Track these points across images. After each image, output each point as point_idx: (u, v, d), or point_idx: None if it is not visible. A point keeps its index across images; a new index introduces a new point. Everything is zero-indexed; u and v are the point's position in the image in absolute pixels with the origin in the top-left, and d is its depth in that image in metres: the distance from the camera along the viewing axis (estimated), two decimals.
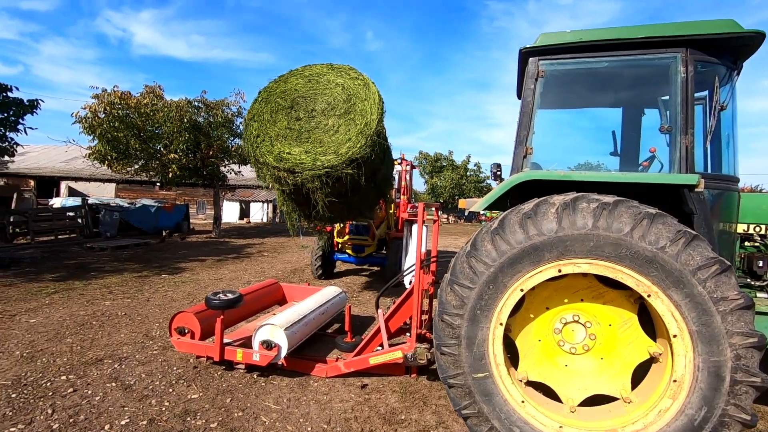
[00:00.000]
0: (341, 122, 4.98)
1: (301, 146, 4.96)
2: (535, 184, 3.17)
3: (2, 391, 3.68)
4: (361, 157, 4.78)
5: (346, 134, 4.89)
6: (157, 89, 16.48)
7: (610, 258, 2.60)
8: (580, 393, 3.00)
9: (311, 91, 5.27)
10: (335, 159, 4.76)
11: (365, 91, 5.12)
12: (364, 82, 5.21)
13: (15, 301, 6.62)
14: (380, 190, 6.34)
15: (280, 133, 5.08)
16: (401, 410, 3.71)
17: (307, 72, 5.46)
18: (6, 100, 10.37)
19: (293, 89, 5.33)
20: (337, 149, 4.82)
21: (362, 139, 4.81)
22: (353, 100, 5.08)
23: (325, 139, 4.93)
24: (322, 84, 5.28)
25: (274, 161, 4.89)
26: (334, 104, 5.12)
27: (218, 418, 3.41)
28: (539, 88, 3.44)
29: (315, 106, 5.14)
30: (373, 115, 4.97)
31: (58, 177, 27.47)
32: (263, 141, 5.07)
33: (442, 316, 2.93)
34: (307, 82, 5.34)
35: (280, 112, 5.23)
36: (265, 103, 5.38)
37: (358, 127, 4.88)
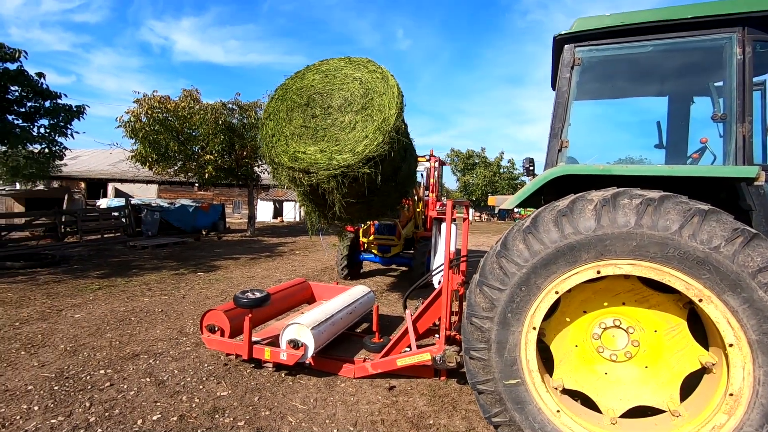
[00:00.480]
0: (358, 118, 4.79)
1: (317, 145, 4.82)
2: (571, 180, 2.98)
3: (46, 383, 3.85)
4: (379, 155, 4.58)
5: (363, 131, 4.70)
6: (194, 93, 17.07)
7: (656, 259, 2.38)
8: (621, 403, 2.78)
9: (328, 86, 5.10)
10: (351, 158, 4.58)
11: (383, 84, 4.90)
12: (383, 75, 4.99)
13: (62, 296, 6.98)
14: (403, 189, 6.11)
15: (295, 131, 4.96)
16: (429, 414, 3.59)
17: (324, 67, 5.28)
18: (56, 106, 10.98)
19: (309, 85, 5.18)
20: (353, 147, 4.65)
21: (380, 135, 4.61)
22: (371, 94, 4.87)
23: (341, 137, 4.77)
24: (339, 79, 5.10)
25: (289, 161, 4.78)
26: (351, 100, 4.93)
27: (246, 417, 3.42)
28: (575, 77, 3.23)
29: (332, 102, 4.98)
30: (391, 110, 4.73)
31: (105, 179, 29.05)
32: (278, 140, 4.98)
33: (470, 318, 2.79)
34: (323, 78, 5.17)
35: (296, 110, 5.10)
36: (281, 101, 5.27)
37: (376, 123, 4.67)
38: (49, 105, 10.96)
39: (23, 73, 10.25)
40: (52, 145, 11.22)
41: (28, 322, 5.59)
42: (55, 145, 11.26)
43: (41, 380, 3.90)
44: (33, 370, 4.12)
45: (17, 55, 10.06)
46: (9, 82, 10.07)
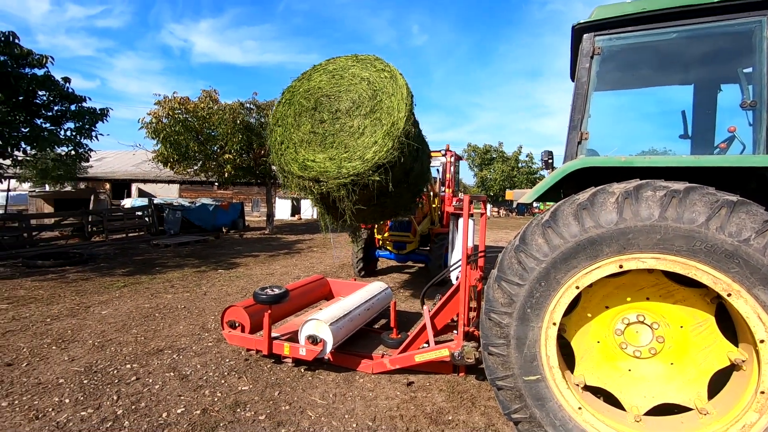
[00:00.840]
0: (367, 123, 4.66)
1: (326, 152, 4.71)
2: (592, 173, 2.91)
3: (76, 377, 3.99)
4: (389, 162, 4.47)
5: (372, 136, 4.56)
6: (212, 93, 17.35)
7: (681, 252, 2.31)
8: (646, 401, 2.72)
9: (335, 88, 4.97)
10: (361, 165, 4.47)
11: (392, 84, 4.74)
12: (391, 74, 4.83)
13: (90, 293, 7.22)
14: (415, 188, 5.97)
15: (304, 138, 4.86)
16: (448, 410, 3.58)
17: (330, 66, 5.13)
18: (81, 109, 11.32)
19: (317, 87, 5.06)
20: (362, 154, 4.53)
21: (389, 141, 4.47)
22: (379, 96, 4.72)
23: (350, 143, 4.64)
24: (347, 79, 4.95)
25: (298, 170, 4.71)
26: (360, 102, 4.78)
27: (266, 411, 3.48)
28: (595, 67, 3.15)
29: (339, 105, 4.85)
30: (400, 112, 4.57)
31: (129, 179, 29.85)
32: (287, 148, 4.90)
33: (489, 314, 2.77)
34: (330, 78, 5.04)
35: (304, 114, 4.99)
36: (288, 105, 5.15)
37: (385, 127, 4.54)
38: (75, 108, 11.30)
39: (50, 78, 10.58)
40: (78, 147, 11.57)
41: (58, 318, 5.80)
42: (80, 147, 11.61)
43: (71, 374, 4.04)
44: (64, 364, 4.28)
45: (44, 60, 10.40)
46: (37, 87, 10.42)
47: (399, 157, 4.53)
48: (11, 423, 3.19)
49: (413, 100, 4.76)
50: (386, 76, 4.79)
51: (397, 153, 4.48)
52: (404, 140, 4.51)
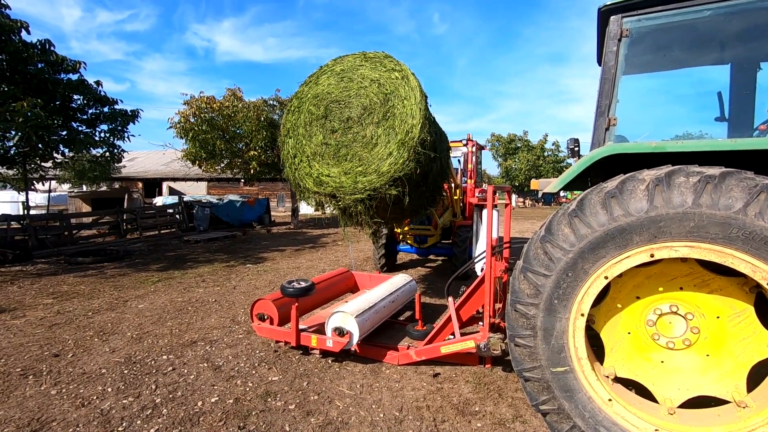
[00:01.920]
0: (380, 131, 4.48)
1: (340, 166, 4.57)
2: (621, 160, 2.82)
3: (117, 367, 4.20)
4: (405, 174, 4.33)
5: (386, 147, 4.40)
6: (237, 92, 17.68)
7: (717, 240, 2.22)
8: (680, 393, 2.64)
9: (345, 92, 4.75)
10: (377, 180, 4.35)
11: (404, 87, 4.50)
12: (403, 75, 4.57)
13: (127, 288, 7.55)
14: (435, 188, 5.75)
15: (316, 150, 4.73)
16: (475, 401, 3.59)
17: (338, 67, 4.91)
18: (113, 112, 11.77)
19: (325, 92, 4.87)
20: (378, 167, 4.38)
21: (404, 152, 4.30)
22: (392, 100, 4.51)
23: (364, 155, 4.49)
24: (356, 82, 4.73)
25: (314, 186, 4.63)
26: (371, 108, 4.57)
27: (296, 401, 3.57)
28: (623, 50, 3.04)
29: (350, 112, 4.66)
30: (414, 119, 4.35)
31: (160, 178, 30.85)
32: (301, 162, 4.80)
33: (515, 305, 2.74)
34: (339, 81, 4.82)
35: (314, 123, 4.83)
36: (297, 113, 4.99)
37: (399, 136, 4.36)
38: (108, 111, 11.76)
39: (84, 83, 11.05)
40: (112, 148, 12.05)
41: (99, 311, 6.10)
42: (114, 148, 12.09)
43: (113, 364, 4.26)
44: (105, 355, 4.51)
45: (78, 66, 10.85)
46: (72, 92, 10.89)
47: (415, 168, 4.39)
48: (60, 410, 3.40)
49: (427, 101, 4.55)
50: (397, 76, 4.59)
51: (413, 164, 4.33)
52: (420, 150, 4.35)
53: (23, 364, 4.26)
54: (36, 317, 5.81)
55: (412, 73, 4.58)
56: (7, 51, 9.19)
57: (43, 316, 5.85)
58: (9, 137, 10.52)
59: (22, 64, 9.46)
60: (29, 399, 3.57)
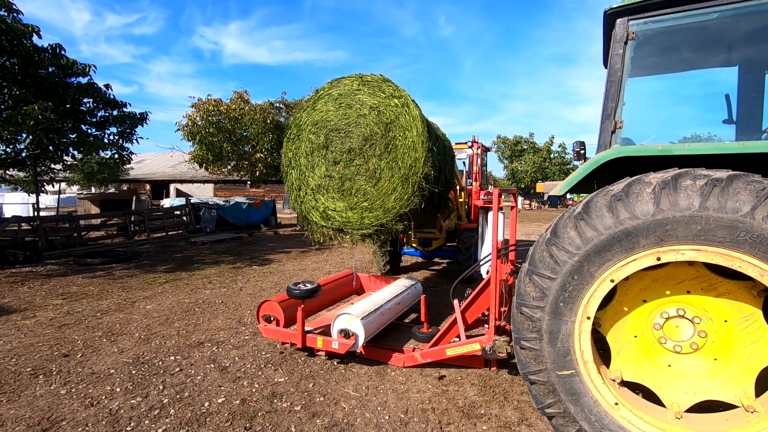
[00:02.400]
0: (383, 165, 4.44)
1: (345, 200, 4.59)
2: (628, 163, 2.82)
3: (126, 367, 4.25)
4: (410, 210, 4.33)
5: (390, 182, 4.38)
6: (243, 95, 17.84)
7: (724, 243, 2.21)
8: (687, 398, 2.63)
9: (344, 120, 4.67)
10: (383, 216, 4.38)
11: (405, 116, 4.39)
12: (403, 103, 4.45)
13: (135, 289, 7.62)
14: (441, 202, 5.72)
15: (321, 183, 4.75)
16: (480, 404, 3.58)
17: (335, 91, 4.80)
18: (122, 114, 11.91)
19: (324, 119, 4.80)
20: (383, 203, 4.40)
21: (408, 187, 4.28)
22: (393, 131, 4.43)
23: (368, 190, 4.49)
24: (355, 109, 4.63)
25: (320, 220, 4.67)
26: (372, 139, 4.50)
27: (302, 402, 3.59)
28: (629, 52, 3.04)
29: (351, 143, 4.60)
30: (417, 152, 4.28)
31: (167, 180, 31.12)
32: (306, 194, 4.82)
33: (520, 308, 2.74)
34: (338, 108, 4.73)
35: (316, 153, 4.81)
36: (297, 142, 4.97)
37: (402, 171, 4.33)
38: (117, 114, 11.90)
39: (93, 86, 11.19)
40: (121, 150, 12.19)
41: (107, 312, 6.17)
42: (123, 150, 12.23)
43: (121, 365, 4.31)
44: (114, 355, 4.56)
45: (87, 69, 11.00)
46: (82, 95, 11.04)
47: (420, 202, 4.40)
48: (70, 409, 3.44)
49: (429, 130, 4.46)
50: (397, 104, 4.48)
51: (417, 199, 4.33)
52: (425, 186, 4.33)
53: (34, 364, 4.32)
54: (46, 317, 5.89)
55: (413, 101, 4.48)
56: (19, 55, 9.34)
57: (53, 317, 5.93)
58: (20, 140, 10.68)
59: (34, 68, 9.61)
60: (39, 398, 3.62)
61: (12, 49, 9.25)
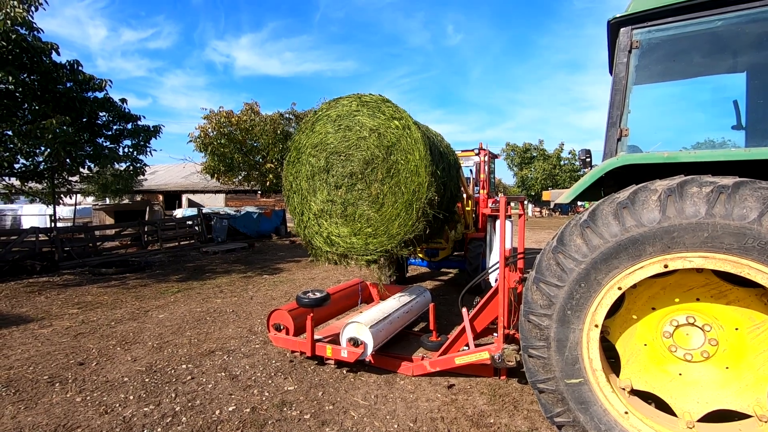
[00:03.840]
0: (385, 190, 4.37)
1: (348, 225, 4.55)
2: (634, 171, 2.83)
3: (139, 375, 4.32)
4: (415, 235, 4.31)
5: (394, 207, 4.32)
6: (254, 106, 18.14)
7: (732, 250, 2.20)
8: (699, 407, 2.59)
9: (344, 143, 4.59)
10: (388, 242, 4.36)
11: (407, 139, 4.29)
12: (404, 125, 4.33)
13: (148, 299, 7.74)
14: (447, 217, 5.60)
15: (323, 208, 4.71)
16: (490, 413, 3.57)
17: (333, 112, 4.71)
18: (137, 127, 12.19)
19: (324, 142, 4.72)
20: (387, 228, 4.36)
21: (413, 213, 4.22)
22: (394, 154, 4.33)
23: (371, 215, 4.43)
24: (354, 131, 4.54)
25: (324, 245, 4.66)
26: (374, 163, 4.41)
27: (311, 410, 3.61)
28: (634, 61, 3.06)
29: (352, 166, 4.53)
30: (420, 177, 4.18)
31: (179, 191, 31.60)
32: (309, 219, 4.80)
33: (528, 316, 2.75)
34: (337, 130, 4.65)
35: (317, 177, 4.76)
36: (298, 165, 4.92)
37: (406, 196, 4.26)
38: (131, 127, 12.18)
39: (109, 100, 11.49)
40: (135, 162, 12.45)
41: (121, 321, 6.28)
42: (137, 162, 12.48)
43: (134, 373, 4.38)
44: (127, 364, 4.64)
45: (104, 84, 11.31)
46: (98, 109, 11.33)
47: (425, 228, 4.38)
48: (84, 417, 3.51)
49: (432, 150, 4.36)
50: (398, 125, 4.37)
51: (422, 225, 4.30)
52: (428, 211, 4.28)
53: (50, 372, 4.41)
54: (62, 326, 6.01)
55: (414, 123, 4.37)
56: (38, 72, 9.66)
57: (69, 326, 6.05)
58: (39, 153, 10.99)
59: (53, 83, 9.92)
60: (56, 406, 3.70)
61: (32, 66, 9.57)
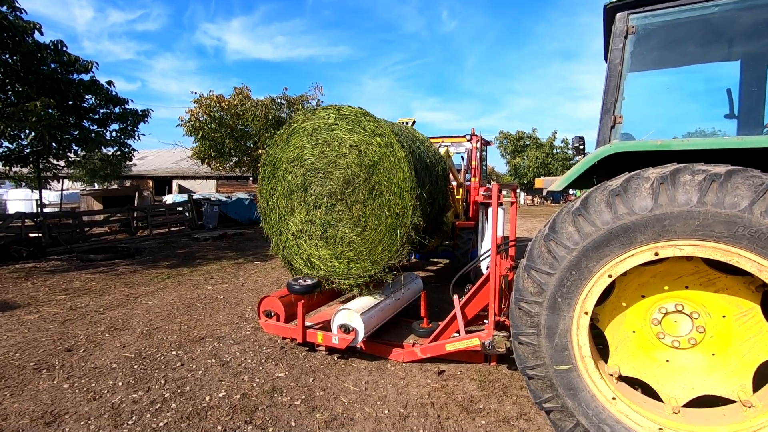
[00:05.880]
0: (368, 212, 4.15)
1: (329, 248, 4.37)
2: (628, 159, 2.81)
3: (128, 362, 4.29)
4: (400, 261, 4.17)
5: (377, 231, 4.13)
6: (245, 90, 17.83)
7: (722, 239, 2.21)
8: (685, 392, 2.63)
9: (322, 159, 4.34)
10: (371, 267, 4.19)
11: (390, 158, 4.03)
12: (387, 142, 4.05)
13: (138, 285, 7.67)
14: (436, 226, 5.53)
15: (302, 228, 4.50)
16: (479, 399, 3.60)
17: (309, 125, 4.42)
18: (124, 111, 11.93)
19: (300, 157, 4.46)
20: (370, 254, 4.18)
21: (397, 239, 4.03)
22: (377, 174, 4.10)
23: (353, 239, 4.25)
24: (333, 147, 4.27)
25: (305, 267, 4.53)
26: (354, 183, 4.18)
27: (302, 396, 3.62)
28: (629, 47, 3.02)
29: (332, 185, 4.30)
30: (405, 200, 3.96)
31: (170, 176, 31.18)
32: (288, 240, 4.62)
33: (518, 303, 2.75)
34: (314, 145, 4.38)
35: (294, 195, 4.53)
36: (274, 181, 4.65)
37: (389, 220, 4.05)
38: (119, 110, 11.91)
39: (96, 83, 11.20)
40: (123, 147, 12.22)
41: (110, 308, 6.21)
42: (125, 147, 12.26)
43: (123, 359, 4.35)
44: (116, 350, 4.60)
45: (90, 66, 11.01)
46: (84, 92, 11.05)
47: (411, 252, 4.22)
48: (72, 403, 3.48)
49: (417, 171, 4.11)
50: (380, 143, 4.10)
51: (407, 250, 4.15)
52: (414, 237, 4.10)
53: (37, 359, 4.36)
54: (49, 313, 5.94)
55: (398, 141, 4.08)
56: (21, 52, 9.35)
57: (56, 312, 5.98)
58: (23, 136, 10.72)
59: (36, 64, 9.62)
60: (43, 392, 3.66)
61: (14, 46, 9.26)
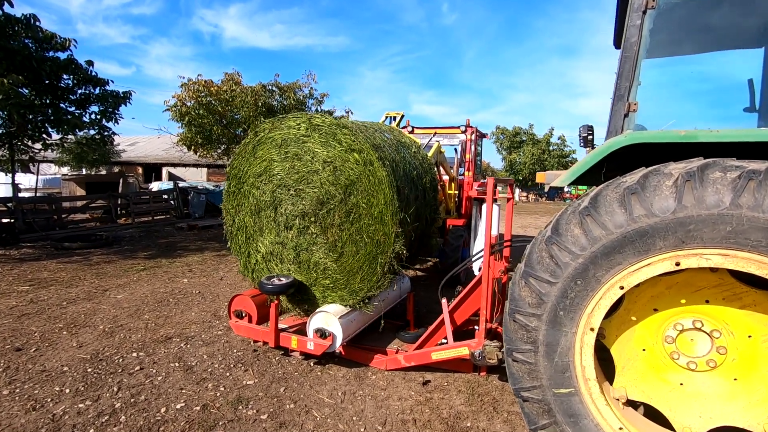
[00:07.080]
0: (344, 237, 3.79)
1: (302, 274, 4.05)
2: (640, 154, 2.45)
3: (81, 364, 3.89)
4: (381, 291, 3.89)
5: (355, 259, 3.78)
6: (235, 76, 17.19)
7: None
8: (702, 422, 2.30)
9: (293, 174, 3.92)
10: (349, 297, 3.90)
11: (369, 178, 3.62)
12: (365, 159, 3.62)
13: (109, 276, 7.23)
14: (423, 241, 5.15)
15: (272, 250, 4.16)
16: (467, 415, 3.26)
17: (278, 135, 3.97)
18: (104, 93, 11.34)
19: (268, 172, 4.04)
20: (347, 282, 3.87)
21: (377, 267, 3.70)
22: (354, 195, 3.70)
23: (329, 265, 3.92)
24: (305, 162, 3.86)
25: None
26: (329, 204, 3.79)
27: (269, 409, 3.25)
28: (648, 24, 2.64)
29: (304, 205, 3.90)
30: (386, 225, 3.59)
31: (160, 164, 30.48)
32: (257, 262, 4.28)
33: (514, 315, 2.39)
34: (283, 159, 3.95)
35: (263, 213, 4.13)
36: (240, 197, 4.26)
37: (369, 248, 3.70)
38: (98, 92, 11.33)
39: (73, 62, 10.59)
40: (103, 130, 11.66)
41: (74, 301, 5.78)
42: (105, 130, 11.69)
43: (77, 362, 3.94)
44: (71, 350, 4.19)
45: (67, 44, 10.40)
46: (61, 71, 10.46)
47: (392, 281, 3.92)
48: (8, 413, 3.08)
49: (400, 192, 3.71)
50: (357, 160, 3.67)
51: (388, 280, 3.81)
52: (396, 266, 3.78)
53: None
54: (6, 306, 5.49)
55: (378, 158, 3.61)
56: None
57: (15, 305, 5.53)
58: None
59: (4, 39, 9.02)
60: None
61: None
